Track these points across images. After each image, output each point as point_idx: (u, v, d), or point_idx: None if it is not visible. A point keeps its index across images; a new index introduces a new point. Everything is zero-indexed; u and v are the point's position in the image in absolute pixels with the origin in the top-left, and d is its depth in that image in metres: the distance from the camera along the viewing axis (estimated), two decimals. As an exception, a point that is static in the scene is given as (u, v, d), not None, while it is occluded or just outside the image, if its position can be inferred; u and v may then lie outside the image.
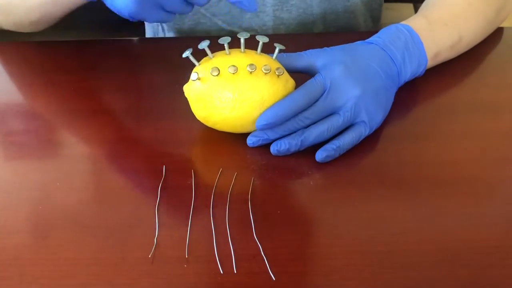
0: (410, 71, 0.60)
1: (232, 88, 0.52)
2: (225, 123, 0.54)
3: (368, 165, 0.55)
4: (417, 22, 0.62)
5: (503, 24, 0.74)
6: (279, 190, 0.52)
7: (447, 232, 0.48)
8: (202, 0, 0.53)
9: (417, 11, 0.69)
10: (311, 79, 0.55)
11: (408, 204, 0.50)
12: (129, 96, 0.63)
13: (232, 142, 0.56)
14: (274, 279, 0.44)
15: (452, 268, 0.45)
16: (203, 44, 0.53)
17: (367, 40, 0.60)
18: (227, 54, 0.54)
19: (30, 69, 0.68)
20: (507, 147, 0.57)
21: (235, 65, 0.52)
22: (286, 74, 0.55)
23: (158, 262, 0.45)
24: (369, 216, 0.49)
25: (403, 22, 0.62)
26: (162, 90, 0.64)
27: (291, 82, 0.55)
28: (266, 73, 0.52)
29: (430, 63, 0.62)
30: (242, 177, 0.52)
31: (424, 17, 0.64)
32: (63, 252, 0.46)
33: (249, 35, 0.54)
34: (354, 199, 0.51)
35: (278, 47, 0.54)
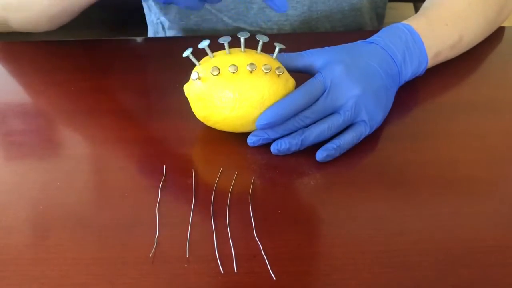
0: (410, 71, 0.60)
1: (233, 88, 0.52)
2: (225, 123, 0.54)
3: (368, 164, 0.54)
4: (417, 22, 0.62)
5: (504, 24, 0.74)
6: (279, 189, 0.52)
7: (447, 231, 0.47)
8: None
9: (417, 11, 0.69)
10: (312, 78, 0.55)
11: (408, 204, 0.50)
12: (129, 95, 0.63)
13: (232, 141, 0.56)
14: (275, 278, 0.44)
15: (452, 267, 0.45)
16: (203, 44, 0.53)
17: (368, 39, 0.60)
18: (227, 54, 0.54)
19: (31, 68, 0.68)
20: (507, 147, 0.57)
21: (235, 64, 0.52)
22: (286, 73, 0.55)
23: (158, 261, 0.45)
24: (369, 216, 0.49)
25: (403, 22, 0.62)
26: (162, 89, 0.64)
27: (291, 82, 0.55)
28: (267, 72, 0.52)
29: (431, 63, 0.62)
30: (243, 176, 0.52)
31: (424, 16, 0.64)
32: (63, 251, 0.46)
33: (249, 34, 0.54)
34: (354, 198, 0.51)
35: (278, 46, 0.54)
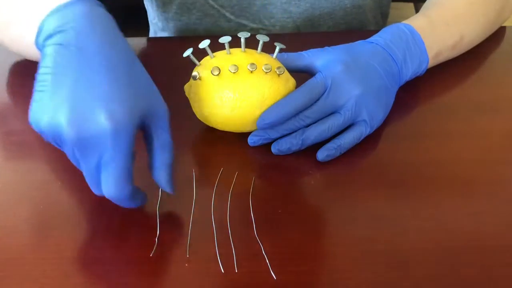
0: (411, 71, 0.59)
1: (233, 88, 0.52)
2: (226, 123, 0.54)
3: (369, 164, 0.54)
4: (418, 22, 0.62)
5: (506, 24, 0.74)
6: (280, 189, 0.52)
7: (448, 231, 0.47)
8: None
9: (417, 11, 0.69)
10: (312, 78, 0.54)
11: (409, 204, 0.50)
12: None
13: (232, 141, 0.56)
14: (275, 278, 0.43)
15: (454, 267, 0.45)
16: (204, 44, 0.53)
17: (368, 39, 0.60)
18: (227, 54, 0.54)
19: (32, 68, 0.68)
20: (508, 147, 0.56)
21: (236, 64, 0.52)
22: (287, 73, 0.55)
23: (159, 261, 0.45)
24: (370, 215, 0.49)
25: (404, 22, 0.62)
26: (162, 89, 0.63)
27: (291, 81, 0.55)
28: (267, 72, 0.52)
29: (431, 62, 0.62)
30: (243, 176, 0.52)
31: (425, 16, 0.64)
32: (64, 251, 0.46)
33: (249, 34, 0.54)
34: (355, 198, 0.51)
35: (278, 46, 0.54)
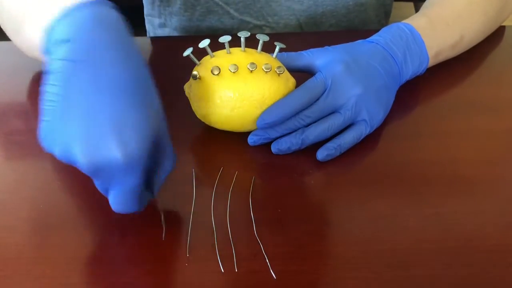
0: (411, 70, 0.59)
1: (233, 87, 0.52)
2: (226, 122, 0.54)
3: (369, 163, 0.54)
4: (418, 21, 0.62)
5: (505, 23, 0.74)
6: (280, 188, 0.52)
7: (448, 230, 0.47)
8: None
9: (417, 11, 0.69)
10: (312, 77, 0.54)
11: (409, 203, 0.50)
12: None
13: (232, 141, 0.56)
14: (275, 278, 0.43)
15: (454, 267, 0.45)
16: (204, 43, 0.53)
17: (368, 39, 0.60)
18: (227, 53, 0.54)
19: (32, 67, 0.68)
20: (508, 146, 0.56)
21: (236, 64, 0.52)
22: (287, 73, 0.55)
23: (158, 261, 0.45)
24: (370, 215, 0.49)
25: (404, 21, 0.62)
26: (162, 88, 0.63)
27: (291, 81, 0.55)
28: (267, 71, 0.52)
29: (431, 62, 0.62)
30: (243, 176, 0.52)
31: (425, 16, 0.64)
32: (64, 251, 0.46)
33: (249, 33, 0.54)
34: (355, 197, 0.51)
35: (278, 45, 0.54)
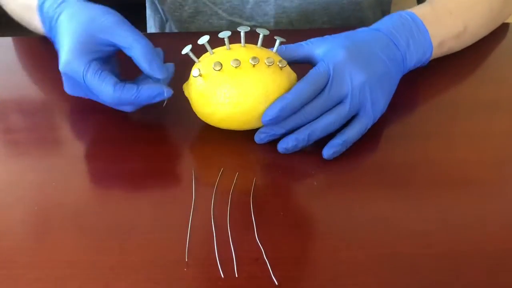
0: (415, 58, 0.58)
1: (236, 82, 0.50)
2: (230, 120, 0.52)
3: (372, 165, 0.53)
4: (421, 10, 0.61)
5: (509, 20, 0.73)
6: (282, 191, 0.50)
7: (454, 234, 0.46)
8: None
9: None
10: (314, 68, 0.53)
11: (413, 205, 0.49)
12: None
13: (233, 141, 0.54)
14: (277, 283, 0.42)
15: (460, 271, 0.43)
16: (203, 40, 0.51)
17: (370, 27, 0.59)
18: (227, 49, 0.52)
19: (29, 65, 0.66)
20: (514, 146, 0.55)
21: (238, 58, 0.50)
22: (288, 67, 0.53)
23: (157, 265, 0.43)
24: (374, 218, 0.47)
25: (407, 10, 0.60)
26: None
27: (293, 75, 0.54)
28: (269, 65, 0.50)
29: (435, 52, 0.60)
30: (244, 177, 0.51)
31: (428, 5, 0.63)
32: (59, 254, 0.44)
33: (249, 28, 0.52)
34: (359, 200, 0.49)
35: (278, 39, 0.53)
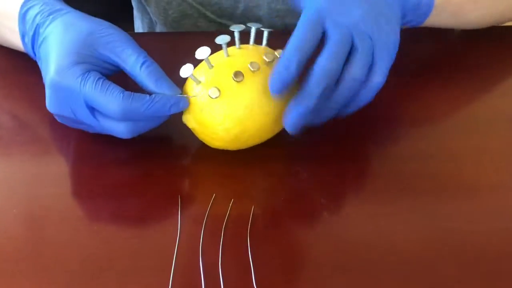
0: None
1: (260, 87, 0.43)
2: (263, 129, 0.45)
3: (391, 193, 0.45)
4: None
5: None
6: (285, 223, 0.42)
7: (463, 244, 0.38)
8: None
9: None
10: (300, 19, 0.44)
11: (422, 215, 0.41)
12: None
13: (227, 160, 0.46)
14: None
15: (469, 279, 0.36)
16: (202, 54, 0.43)
17: None
18: (225, 57, 0.44)
19: (22, 64, 0.59)
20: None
21: (240, 70, 0.43)
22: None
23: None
24: (390, 250, 0.39)
25: None
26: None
27: None
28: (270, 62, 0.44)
29: (442, 3, 0.52)
30: (240, 205, 0.43)
31: None
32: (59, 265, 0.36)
33: (243, 27, 0.45)
34: (376, 231, 0.41)
35: (265, 31, 0.46)
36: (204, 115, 0.43)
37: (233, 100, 0.43)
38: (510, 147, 0.49)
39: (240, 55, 0.44)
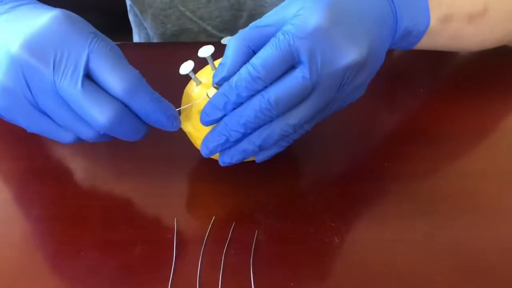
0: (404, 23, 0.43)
1: None
2: None
3: (406, 215, 0.41)
4: None
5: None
6: (292, 249, 0.38)
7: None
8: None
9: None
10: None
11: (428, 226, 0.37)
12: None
13: (228, 178, 0.43)
14: None
15: None
16: (186, 68, 0.39)
17: None
18: (212, 70, 0.40)
19: None
20: None
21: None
22: None
23: None
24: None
25: None
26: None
27: None
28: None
29: (436, 26, 0.45)
30: (242, 229, 0.39)
31: None
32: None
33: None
34: (395, 271, 0.37)
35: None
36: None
37: None
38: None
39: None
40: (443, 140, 0.47)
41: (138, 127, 0.37)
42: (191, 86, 0.41)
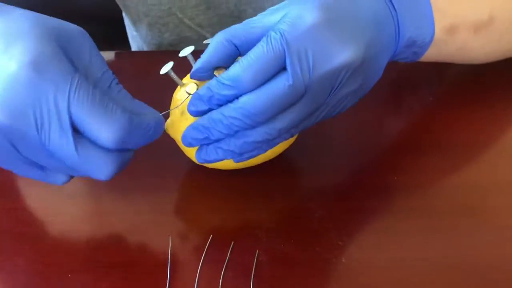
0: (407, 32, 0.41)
1: None
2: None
3: (418, 233, 0.38)
4: None
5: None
6: (296, 271, 0.35)
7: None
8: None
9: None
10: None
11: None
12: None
13: (226, 193, 0.40)
14: None
15: None
16: (166, 68, 0.37)
17: None
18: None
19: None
20: None
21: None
22: None
23: None
24: None
25: None
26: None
27: None
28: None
29: (441, 37, 0.44)
30: (242, 248, 0.37)
31: None
32: None
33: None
34: (406, 286, 0.34)
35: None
36: (184, 121, 0.37)
37: None
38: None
39: None
40: (455, 151, 0.45)
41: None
42: (178, 91, 0.39)
